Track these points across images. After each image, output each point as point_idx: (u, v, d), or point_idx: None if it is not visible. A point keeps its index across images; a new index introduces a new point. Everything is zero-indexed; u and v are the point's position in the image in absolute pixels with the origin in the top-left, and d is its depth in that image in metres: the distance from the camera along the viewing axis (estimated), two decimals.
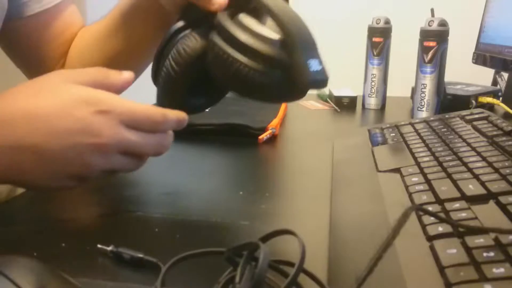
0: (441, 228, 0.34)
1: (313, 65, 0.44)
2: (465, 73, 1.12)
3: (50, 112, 0.41)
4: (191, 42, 0.48)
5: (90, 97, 0.42)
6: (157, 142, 0.44)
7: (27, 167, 0.41)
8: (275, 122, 0.76)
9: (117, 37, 0.65)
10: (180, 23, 0.50)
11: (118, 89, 0.45)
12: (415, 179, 0.46)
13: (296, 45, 0.43)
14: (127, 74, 0.46)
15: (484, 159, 0.46)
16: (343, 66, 1.90)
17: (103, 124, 0.41)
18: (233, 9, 0.46)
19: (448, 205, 0.38)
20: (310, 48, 0.44)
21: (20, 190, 0.69)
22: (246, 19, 0.45)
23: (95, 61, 0.66)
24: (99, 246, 0.38)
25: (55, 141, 0.41)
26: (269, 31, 0.43)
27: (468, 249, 0.31)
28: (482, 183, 0.41)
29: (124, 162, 0.44)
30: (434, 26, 0.83)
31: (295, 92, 0.46)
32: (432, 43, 0.83)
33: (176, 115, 0.45)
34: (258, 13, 0.45)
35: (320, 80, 0.45)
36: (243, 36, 0.43)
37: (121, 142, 0.42)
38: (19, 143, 0.40)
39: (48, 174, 0.42)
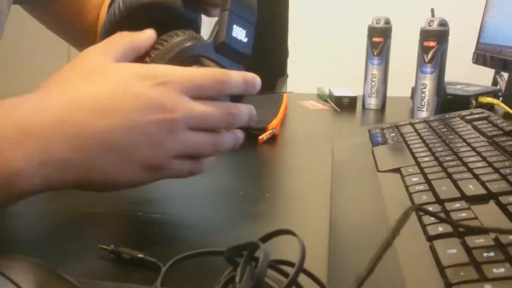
0: (441, 228, 0.34)
1: (237, 32, 0.44)
2: (465, 73, 1.12)
3: (106, 96, 0.38)
4: None
5: (142, 72, 0.39)
6: (225, 111, 0.41)
7: (92, 161, 0.37)
8: (275, 122, 0.76)
9: None
10: None
11: (145, 47, 0.43)
12: (415, 179, 0.46)
13: (226, 6, 0.43)
14: (148, 32, 0.43)
15: (484, 159, 0.46)
16: (343, 66, 1.90)
17: (165, 96, 0.38)
18: None
19: (448, 205, 0.38)
20: (241, 15, 0.44)
21: None
22: None
23: None
24: (99, 246, 0.38)
25: (117, 124, 0.37)
26: None
27: (468, 249, 0.31)
28: (482, 183, 0.41)
29: (198, 141, 0.40)
30: (434, 26, 0.83)
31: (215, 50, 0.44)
32: (432, 43, 0.83)
33: (241, 74, 0.42)
34: None
35: (236, 49, 0.44)
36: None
37: (188, 114, 0.39)
38: (79, 136, 0.36)
39: (117, 165, 0.38)
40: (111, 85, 0.39)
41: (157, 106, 0.38)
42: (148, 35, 0.43)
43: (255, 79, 0.43)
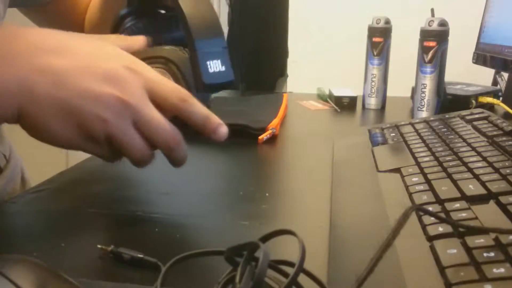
0: (441, 228, 0.34)
1: (213, 66, 0.44)
2: (465, 73, 1.12)
3: (82, 51, 0.40)
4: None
5: (122, 54, 0.42)
6: (171, 135, 0.42)
7: (37, 92, 0.38)
8: (275, 122, 0.76)
9: (100, 9, 0.67)
10: (125, 11, 0.52)
11: (137, 47, 0.48)
12: (415, 179, 0.46)
13: (193, 47, 0.44)
14: (140, 36, 0.48)
15: (484, 159, 0.46)
16: (343, 66, 1.90)
17: (129, 80, 0.40)
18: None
19: (448, 205, 0.38)
20: (209, 49, 0.45)
21: (17, 191, 0.69)
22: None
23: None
24: (99, 246, 0.38)
25: (76, 76, 0.39)
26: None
27: (468, 249, 0.31)
28: (482, 183, 0.41)
29: (133, 141, 0.40)
30: (434, 26, 0.83)
31: (199, 90, 0.46)
32: (432, 43, 0.83)
33: (208, 113, 0.43)
34: (171, 9, 0.48)
35: (220, 83, 0.45)
36: None
37: (140, 108, 0.39)
38: (41, 65, 0.38)
39: (57, 111, 0.39)
40: (91, 49, 0.41)
41: (117, 83, 0.39)
42: (139, 38, 0.48)
43: (218, 126, 0.43)
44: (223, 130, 0.44)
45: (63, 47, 0.40)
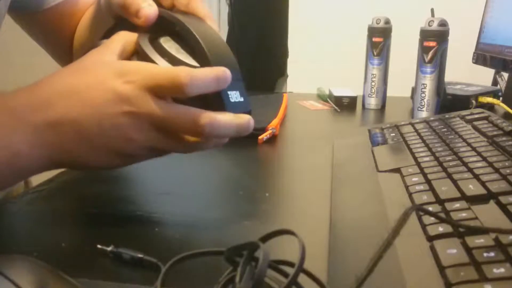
0: (441, 228, 0.34)
1: (233, 97, 0.44)
2: (465, 73, 1.12)
3: (84, 87, 0.41)
4: None
5: (119, 69, 0.42)
6: (190, 119, 0.41)
7: (69, 145, 0.41)
8: (275, 122, 0.76)
9: (86, 29, 0.66)
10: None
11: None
12: (415, 179, 0.46)
13: None
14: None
15: (484, 159, 0.46)
16: (343, 66, 1.90)
17: (132, 92, 0.40)
18: (157, 31, 0.45)
19: (448, 205, 0.38)
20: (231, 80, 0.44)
21: (18, 191, 0.69)
22: (167, 43, 0.44)
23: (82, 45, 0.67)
24: (99, 246, 0.38)
25: (91, 114, 0.41)
26: (189, 58, 0.43)
27: (468, 249, 0.31)
28: (482, 183, 0.41)
29: (164, 140, 0.42)
30: (434, 26, 0.83)
31: None
32: (432, 43, 0.83)
33: (212, 72, 0.42)
34: (182, 38, 0.44)
35: (240, 113, 0.44)
36: (160, 62, 0.43)
37: (151, 112, 0.41)
38: (57, 121, 0.41)
39: (92, 151, 0.42)
40: (90, 78, 0.42)
41: (124, 100, 0.41)
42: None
43: (225, 73, 0.42)
44: (228, 75, 0.43)
45: (65, 90, 0.42)
